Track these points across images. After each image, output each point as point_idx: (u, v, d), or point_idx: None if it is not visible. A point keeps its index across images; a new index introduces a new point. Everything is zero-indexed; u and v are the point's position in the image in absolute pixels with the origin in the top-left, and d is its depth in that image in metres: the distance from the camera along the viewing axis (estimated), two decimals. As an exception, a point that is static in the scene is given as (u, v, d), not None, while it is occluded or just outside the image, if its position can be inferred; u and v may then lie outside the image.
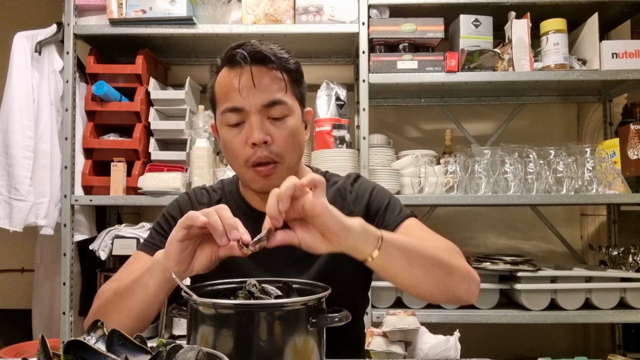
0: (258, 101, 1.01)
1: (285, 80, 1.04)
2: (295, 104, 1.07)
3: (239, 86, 1.01)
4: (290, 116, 1.05)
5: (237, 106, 1.01)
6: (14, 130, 2.01)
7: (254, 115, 1.01)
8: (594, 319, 1.99)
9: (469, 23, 2.08)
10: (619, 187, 2.04)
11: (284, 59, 1.05)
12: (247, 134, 1.02)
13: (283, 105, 1.03)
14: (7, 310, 2.64)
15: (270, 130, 1.02)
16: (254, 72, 1.01)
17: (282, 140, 1.03)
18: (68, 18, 2.08)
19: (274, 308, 0.73)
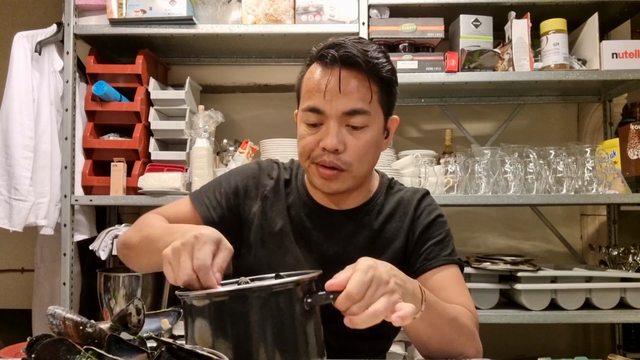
0: (339, 107, 0.99)
1: (373, 88, 1.00)
2: (379, 113, 1.03)
3: (324, 88, 0.99)
4: (370, 127, 1.02)
5: (318, 108, 1.00)
6: (14, 130, 2.01)
7: (332, 121, 0.99)
8: (594, 319, 1.99)
9: (469, 23, 2.08)
10: (619, 187, 2.04)
11: (377, 65, 1.00)
12: (321, 136, 1.01)
13: (365, 115, 1.00)
14: (7, 310, 2.64)
15: (345, 139, 1.00)
16: (342, 75, 0.99)
17: (354, 151, 1.01)
18: (68, 18, 2.08)
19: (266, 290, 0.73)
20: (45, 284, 2.35)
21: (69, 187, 2.05)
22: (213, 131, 2.15)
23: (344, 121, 1.00)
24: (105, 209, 2.44)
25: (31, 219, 2.02)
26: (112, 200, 2.06)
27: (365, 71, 0.99)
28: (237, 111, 2.50)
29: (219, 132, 2.26)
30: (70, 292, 2.05)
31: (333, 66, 0.99)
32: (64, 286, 2.04)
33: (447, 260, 1.08)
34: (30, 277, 2.46)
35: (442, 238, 1.10)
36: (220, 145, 2.25)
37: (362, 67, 0.99)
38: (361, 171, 1.04)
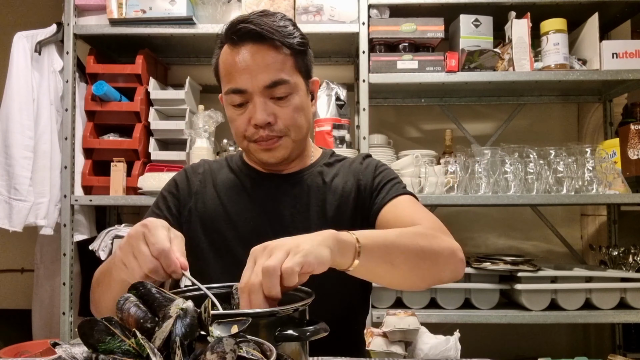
0: (260, 83, 1.00)
1: (287, 57, 1.02)
2: (299, 79, 1.05)
3: (241, 66, 1.00)
4: (295, 94, 1.03)
5: (240, 88, 1.01)
6: (14, 130, 2.01)
7: (256, 97, 1.00)
8: (594, 319, 1.99)
9: (469, 23, 2.08)
10: (619, 187, 2.04)
11: (285, 33, 1.02)
12: (250, 113, 1.02)
13: (286, 84, 1.01)
14: (7, 310, 2.64)
15: (274, 110, 1.02)
16: (253, 51, 1.00)
17: (285, 119, 1.02)
18: (68, 18, 2.08)
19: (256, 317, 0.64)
20: (45, 284, 2.35)
21: (69, 187, 2.05)
22: (213, 131, 2.15)
23: (268, 94, 1.01)
24: (105, 209, 2.44)
25: (31, 219, 2.02)
26: (112, 200, 2.05)
27: (276, 41, 1.00)
28: (237, 111, 2.49)
29: (219, 132, 2.26)
30: (70, 292, 2.05)
31: (243, 43, 1.00)
32: (63, 286, 2.04)
33: (395, 193, 1.06)
34: (30, 277, 2.46)
35: (389, 179, 1.11)
36: (220, 145, 2.24)
37: (271, 39, 1.00)
38: (299, 134, 1.06)
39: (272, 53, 1.00)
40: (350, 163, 1.16)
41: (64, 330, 2.02)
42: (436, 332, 1.69)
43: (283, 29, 1.02)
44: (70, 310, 2.04)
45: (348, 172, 1.14)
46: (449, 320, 1.95)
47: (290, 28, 1.04)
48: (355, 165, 1.15)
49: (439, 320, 1.94)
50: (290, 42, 1.02)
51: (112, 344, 0.56)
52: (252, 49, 1.00)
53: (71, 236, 2.06)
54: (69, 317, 2.03)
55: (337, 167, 1.16)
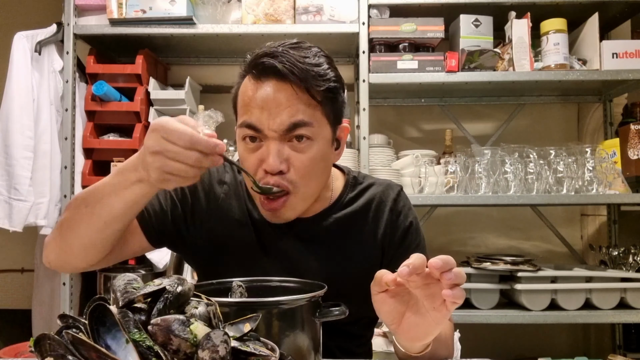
0: (278, 125, 0.88)
1: (314, 99, 0.90)
2: (324, 125, 0.93)
3: (260, 103, 0.89)
4: (314, 140, 0.91)
5: (256, 125, 0.90)
6: (14, 130, 2.01)
7: (271, 140, 0.89)
8: (594, 319, 1.99)
9: (469, 23, 2.08)
10: (619, 187, 2.04)
11: (317, 74, 0.90)
12: (262, 155, 0.90)
13: (307, 127, 0.90)
14: (7, 310, 2.63)
15: (288, 157, 0.90)
16: (276, 89, 0.89)
17: (299, 168, 0.91)
18: (68, 18, 2.08)
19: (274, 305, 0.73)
20: (45, 284, 2.35)
21: (69, 187, 2.05)
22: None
23: (285, 138, 0.90)
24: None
25: (31, 219, 2.02)
26: (112, 200, 2.05)
27: (303, 81, 0.89)
28: (237, 111, 2.49)
29: (219, 132, 2.23)
30: (70, 292, 2.05)
31: (267, 78, 0.89)
32: (63, 286, 2.04)
33: None
34: (30, 277, 2.46)
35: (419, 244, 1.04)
36: (220, 145, 2.24)
37: (298, 77, 0.88)
38: (309, 191, 0.95)
39: (296, 93, 0.89)
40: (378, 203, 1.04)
41: (64, 330, 2.02)
42: (436, 332, 1.69)
43: (315, 69, 0.90)
44: (70, 310, 2.04)
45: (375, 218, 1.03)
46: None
47: (324, 67, 0.92)
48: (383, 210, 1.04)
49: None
50: (320, 85, 0.90)
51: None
52: (274, 86, 0.89)
53: (71, 236, 2.06)
54: (69, 317, 2.03)
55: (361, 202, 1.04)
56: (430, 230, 2.42)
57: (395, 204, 1.05)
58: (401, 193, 1.08)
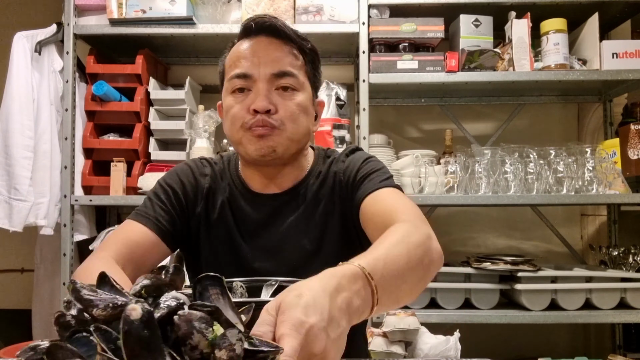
0: (267, 69, 0.98)
1: (300, 56, 1.03)
2: (306, 83, 1.04)
3: (252, 53, 0.99)
4: (300, 92, 1.01)
5: (246, 72, 0.99)
6: (14, 130, 2.01)
7: (261, 83, 0.98)
8: (595, 319, 1.99)
9: (469, 23, 2.08)
10: (619, 187, 2.04)
11: (301, 37, 1.04)
12: (251, 99, 0.99)
13: (293, 77, 1.00)
14: (6, 310, 2.63)
15: (275, 100, 0.99)
16: (267, 42, 1.00)
17: (285, 110, 0.99)
18: (68, 18, 2.08)
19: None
20: (45, 284, 2.35)
21: (69, 187, 2.05)
22: (213, 131, 2.15)
23: (273, 84, 0.99)
24: (105, 209, 2.44)
25: (31, 219, 2.02)
26: (112, 200, 2.05)
27: (292, 40, 1.02)
28: (237, 111, 2.49)
29: (219, 132, 2.26)
30: (70, 292, 2.04)
31: (259, 35, 1.01)
32: (63, 286, 2.04)
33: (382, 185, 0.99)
34: (30, 277, 2.46)
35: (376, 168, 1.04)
36: (220, 145, 2.24)
37: (288, 37, 1.01)
38: (295, 133, 1.00)
39: (285, 48, 1.01)
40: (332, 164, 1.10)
41: (64, 330, 2.02)
42: (436, 332, 1.69)
43: (299, 33, 1.04)
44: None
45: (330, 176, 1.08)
46: (449, 320, 1.95)
47: (304, 36, 1.06)
48: (338, 165, 1.08)
49: (439, 320, 1.94)
50: (304, 44, 1.04)
51: None
52: (266, 40, 1.00)
53: (71, 236, 2.06)
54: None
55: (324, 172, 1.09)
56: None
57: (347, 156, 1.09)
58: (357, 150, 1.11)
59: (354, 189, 1.03)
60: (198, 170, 1.12)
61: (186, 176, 1.10)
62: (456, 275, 1.99)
